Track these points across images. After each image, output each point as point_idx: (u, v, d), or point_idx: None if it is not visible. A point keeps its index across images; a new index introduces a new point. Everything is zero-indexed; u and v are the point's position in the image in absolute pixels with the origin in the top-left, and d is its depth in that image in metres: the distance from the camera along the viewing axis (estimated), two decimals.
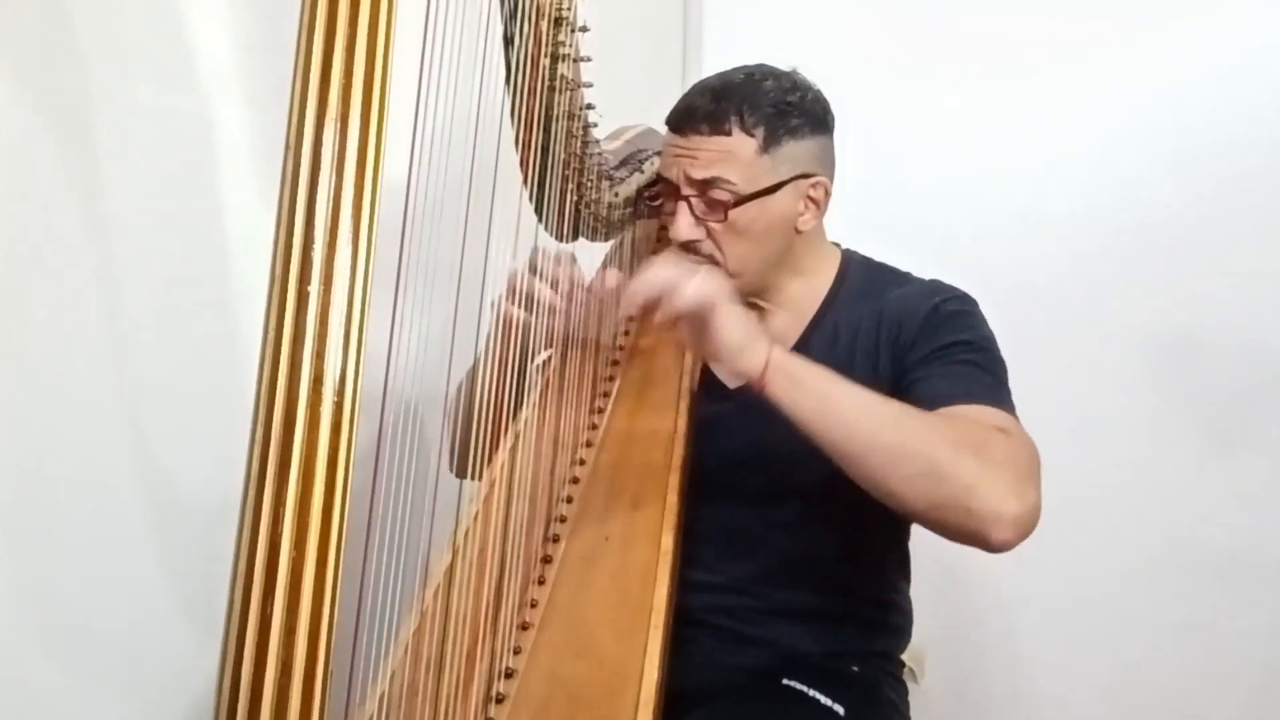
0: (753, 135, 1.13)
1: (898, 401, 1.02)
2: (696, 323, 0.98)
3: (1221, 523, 1.87)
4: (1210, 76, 1.87)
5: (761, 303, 1.23)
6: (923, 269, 1.25)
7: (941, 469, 0.95)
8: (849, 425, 0.97)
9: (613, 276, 1.11)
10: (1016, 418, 1.07)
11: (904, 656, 1.27)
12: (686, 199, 1.16)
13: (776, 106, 1.14)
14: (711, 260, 1.17)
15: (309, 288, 0.61)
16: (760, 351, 0.98)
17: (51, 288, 1.07)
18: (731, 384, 1.05)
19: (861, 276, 1.23)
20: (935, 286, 1.19)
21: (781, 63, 1.22)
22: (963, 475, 0.95)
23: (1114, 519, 1.91)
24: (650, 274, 0.99)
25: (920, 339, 1.13)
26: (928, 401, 1.05)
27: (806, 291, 1.22)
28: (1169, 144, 1.89)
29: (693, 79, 1.26)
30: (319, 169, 0.62)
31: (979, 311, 1.18)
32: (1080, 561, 1.91)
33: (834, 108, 1.22)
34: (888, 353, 1.15)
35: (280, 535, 0.60)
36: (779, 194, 1.15)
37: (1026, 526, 0.97)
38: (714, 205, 1.15)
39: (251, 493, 0.60)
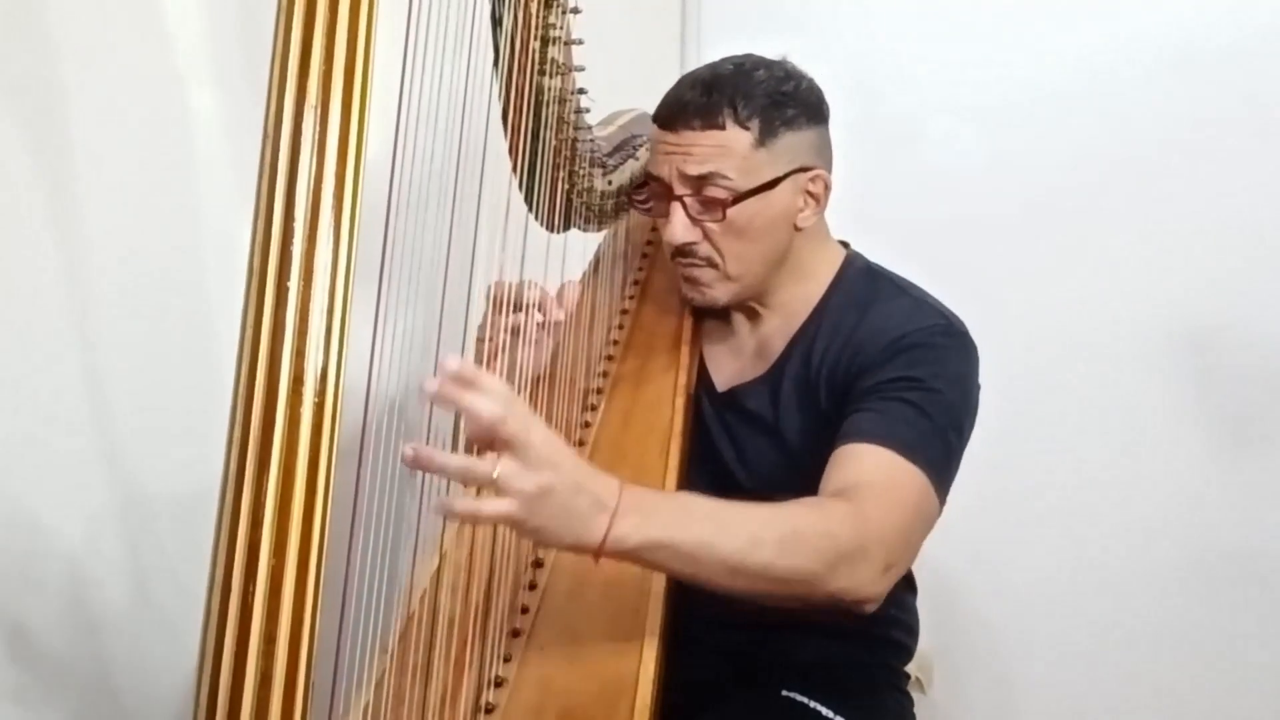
0: (748, 128, 1.12)
1: (760, 513, 0.97)
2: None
3: (1236, 525, 1.88)
4: (1229, 62, 1.87)
5: (758, 306, 1.23)
6: (931, 266, 1.24)
7: (813, 585, 0.97)
8: (722, 575, 0.94)
9: (572, 294, 1.12)
10: (927, 468, 1.05)
11: (910, 667, 1.28)
12: (680, 199, 1.14)
13: (771, 97, 1.13)
14: (710, 263, 1.16)
15: (288, 282, 0.61)
16: (593, 538, 0.87)
17: (18, 283, 1.07)
18: None
19: (857, 285, 1.21)
20: (918, 311, 1.16)
21: (782, 44, 1.21)
22: (835, 585, 0.97)
23: (1124, 523, 1.91)
24: (442, 461, 0.83)
25: (872, 368, 1.11)
26: (842, 437, 1.07)
27: (800, 296, 1.21)
28: (1182, 135, 1.89)
29: (691, 63, 1.26)
30: (298, 158, 0.62)
31: (954, 345, 1.14)
32: (1090, 567, 1.92)
33: (836, 89, 1.21)
34: (843, 375, 1.14)
35: (259, 540, 0.60)
36: (778, 189, 1.14)
37: (887, 589, 1.02)
38: (710, 204, 1.13)
39: (229, 496, 0.60)
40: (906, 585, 1.27)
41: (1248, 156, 1.86)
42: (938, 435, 1.08)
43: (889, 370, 1.10)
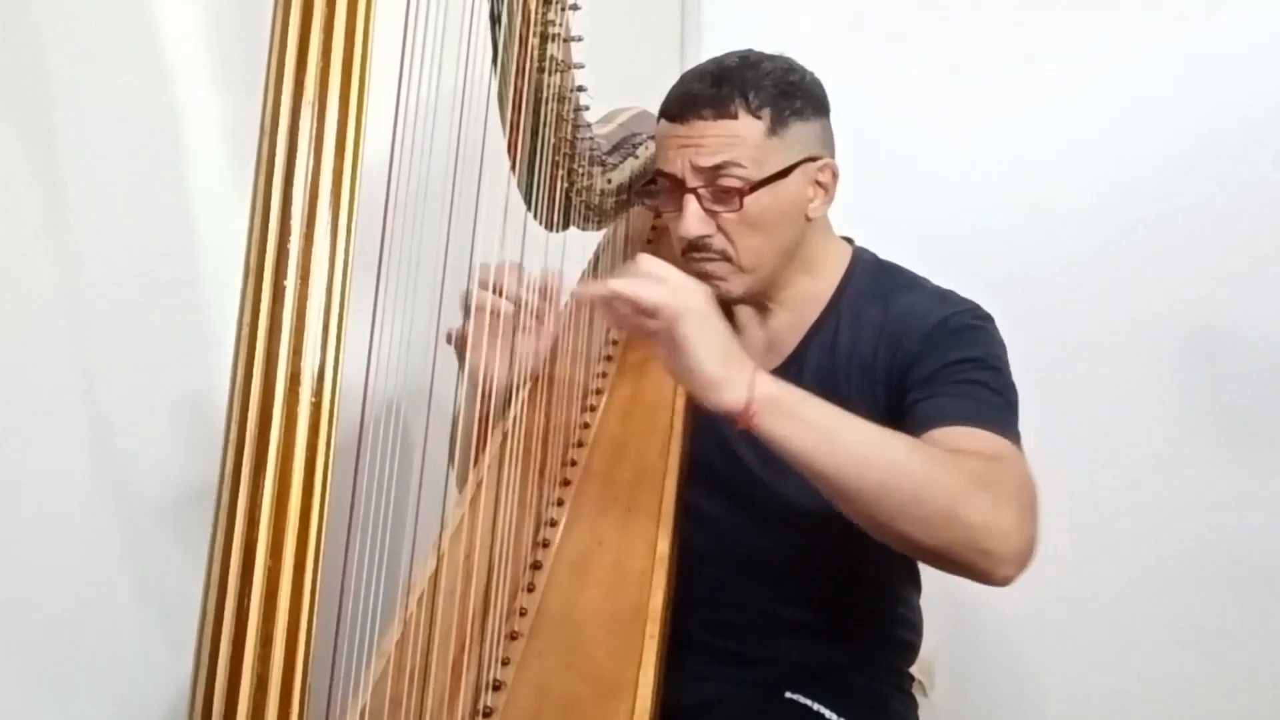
0: (759, 117, 1.13)
1: (902, 435, 0.98)
2: (668, 342, 0.92)
3: (1243, 528, 1.88)
4: (1232, 61, 1.88)
5: (768, 300, 1.23)
6: (933, 264, 1.24)
7: (956, 511, 0.93)
8: (858, 464, 0.92)
9: (595, 286, 1.11)
10: (1019, 446, 1.05)
11: (912, 669, 1.28)
12: (694, 191, 1.15)
13: (779, 87, 1.14)
14: (724, 256, 1.17)
15: (285, 281, 0.61)
16: (739, 386, 0.91)
17: (10, 284, 1.07)
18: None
19: (869, 278, 1.22)
20: (945, 298, 1.18)
21: (783, 42, 1.22)
22: (976, 516, 0.94)
23: (1130, 524, 1.91)
24: (618, 282, 0.92)
25: (924, 355, 1.11)
26: (926, 422, 1.04)
27: (811, 290, 1.22)
28: (1187, 133, 1.90)
29: (691, 60, 1.26)
30: (295, 155, 0.61)
31: (992, 328, 1.16)
32: (1095, 569, 1.92)
33: (838, 92, 1.22)
34: (885, 369, 1.14)
35: (256, 541, 0.60)
36: (790, 178, 1.15)
37: (1027, 562, 0.98)
38: (725, 195, 1.14)
39: (225, 497, 0.60)
40: (911, 581, 1.27)
41: (1253, 155, 1.87)
42: (1011, 412, 1.09)
43: (946, 353, 1.10)
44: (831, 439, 0.93)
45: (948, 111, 1.99)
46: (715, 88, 1.14)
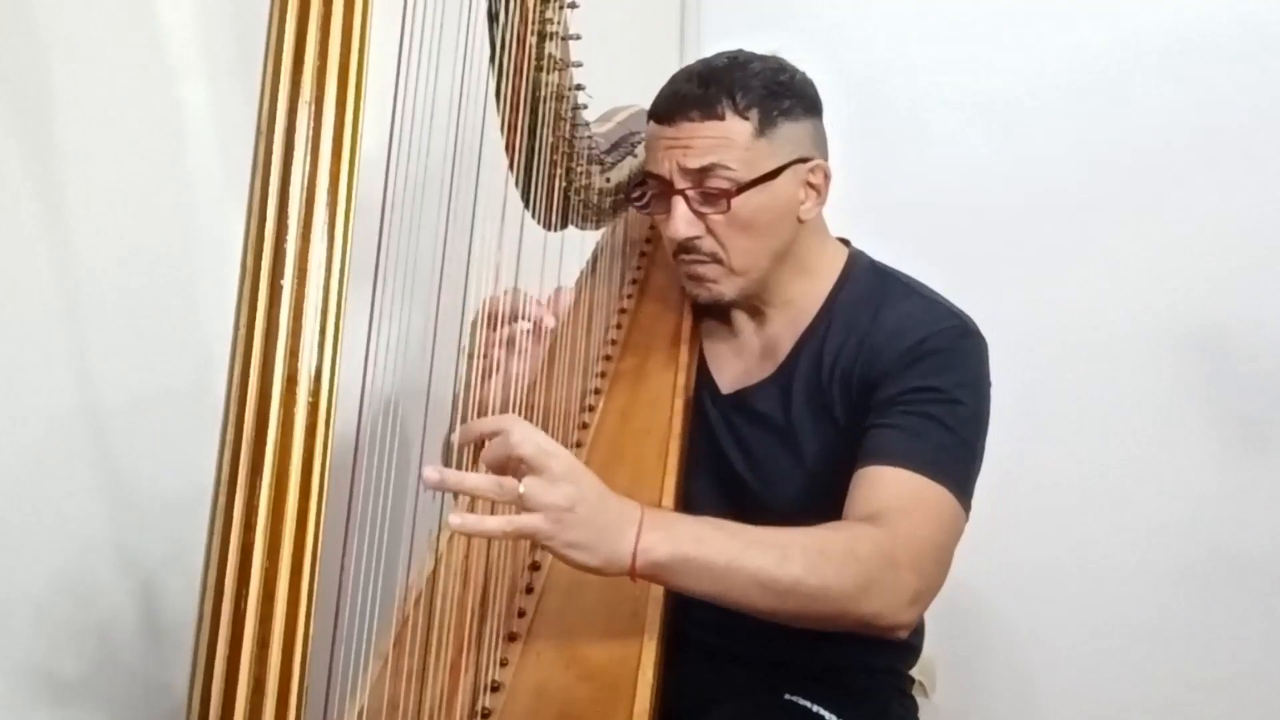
0: (747, 118, 1.13)
1: (801, 538, 0.97)
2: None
3: (1244, 527, 1.88)
4: (1232, 59, 1.87)
5: (763, 304, 1.23)
6: (934, 265, 1.23)
7: (851, 609, 0.98)
8: (750, 592, 0.94)
9: (564, 300, 1.12)
10: (950, 483, 1.05)
11: (913, 670, 1.28)
12: (682, 193, 1.14)
13: (768, 87, 1.14)
14: (715, 258, 1.16)
15: (282, 281, 0.61)
16: (620, 561, 0.89)
17: (8, 282, 1.07)
18: None
19: (865, 283, 1.20)
20: (932, 311, 1.15)
21: (782, 40, 1.22)
22: (870, 608, 0.98)
23: (1131, 523, 1.91)
24: (472, 481, 0.86)
25: (892, 375, 1.11)
26: (864, 454, 1.07)
27: (807, 292, 1.21)
28: (1189, 133, 1.89)
29: (690, 57, 1.25)
30: (292, 154, 0.62)
31: (970, 348, 1.13)
32: (1096, 569, 1.92)
33: (837, 86, 1.21)
34: (860, 380, 1.13)
35: (253, 543, 0.60)
36: (780, 179, 1.14)
37: (921, 614, 1.06)
38: (713, 196, 1.13)
39: (222, 498, 0.60)
40: None
41: (1255, 154, 1.87)
42: (961, 448, 1.09)
43: (908, 379, 1.10)
44: (722, 577, 0.93)
45: (947, 108, 1.99)
46: (703, 88, 1.13)
